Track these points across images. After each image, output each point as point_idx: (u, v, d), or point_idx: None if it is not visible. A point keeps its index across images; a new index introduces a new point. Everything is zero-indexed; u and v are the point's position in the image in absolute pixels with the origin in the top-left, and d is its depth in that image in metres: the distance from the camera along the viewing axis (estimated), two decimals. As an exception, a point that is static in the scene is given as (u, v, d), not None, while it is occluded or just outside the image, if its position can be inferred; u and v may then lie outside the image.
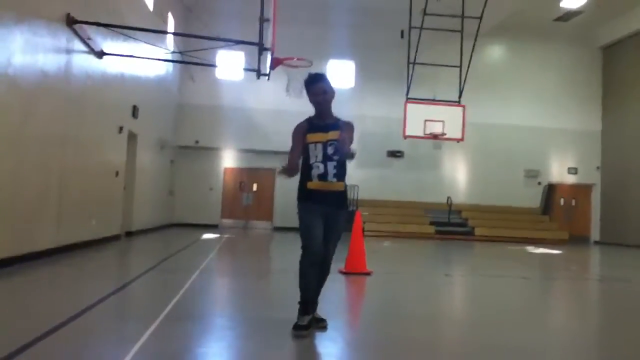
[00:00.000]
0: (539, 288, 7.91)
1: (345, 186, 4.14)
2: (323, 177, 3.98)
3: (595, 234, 21.13)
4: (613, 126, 20.82)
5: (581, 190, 21.45)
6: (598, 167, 21.29)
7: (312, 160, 4.00)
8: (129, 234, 12.72)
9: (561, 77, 21.32)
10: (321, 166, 3.97)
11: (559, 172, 21.41)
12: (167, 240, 13.36)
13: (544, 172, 21.30)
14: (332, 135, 3.94)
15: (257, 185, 20.49)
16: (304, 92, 4.34)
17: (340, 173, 4.03)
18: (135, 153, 12.89)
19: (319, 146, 3.99)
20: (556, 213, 21.13)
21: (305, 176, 4.06)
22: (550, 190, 21.30)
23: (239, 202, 20.45)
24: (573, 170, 21.36)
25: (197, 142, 19.70)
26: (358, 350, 3.73)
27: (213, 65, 16.71)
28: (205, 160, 20.04)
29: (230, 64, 19.24)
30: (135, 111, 12.50)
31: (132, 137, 12.50)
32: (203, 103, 19.65)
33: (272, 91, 18.68)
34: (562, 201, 21.45)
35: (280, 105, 19.04)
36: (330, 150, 3.97)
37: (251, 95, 19.56)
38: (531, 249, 15.56)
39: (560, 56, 21.34)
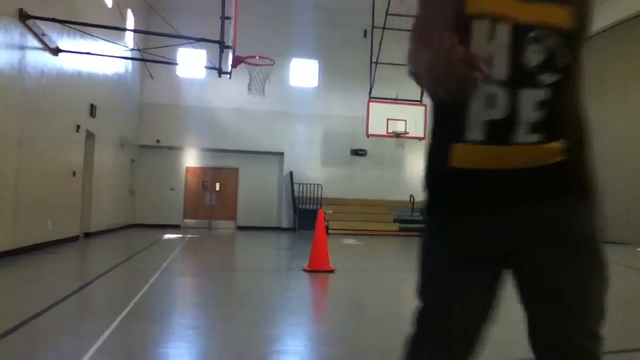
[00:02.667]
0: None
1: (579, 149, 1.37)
2: (504, 130, 1.25)
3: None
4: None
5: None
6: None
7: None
8: (88, 234, 12.42)
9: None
10: (500, 95, 1.24)
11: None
12: (128, 241, 13.10)
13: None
14: (546, 12, 1.23)
15: (220, 185, 20.31)
16: (267, 90, 4.17)
17: (557, 118, 1.26)
18: (93, 152, 12.59)
19: (503, 34, 1.24)
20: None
21: (445, 127, 1.36)
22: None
23: (202, 201, 20.22)
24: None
25: (158, 141, 19.39)
26: (323, 345, 3.72)
27: (174, 63, 16.48)
28: (166, 159, 19.74)
29: (191, 62, 19.01)
30: (93, 110, 12.20)
31: (90, 136, 12.20)
32: (164, 101, 19.35)
33: (234, 90, 18.50)
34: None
35: (242, 104, 18.90)
36: (533, 56, 1.23)
37: (213, 94, 19.36)
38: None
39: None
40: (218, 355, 3.36)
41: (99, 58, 12.01)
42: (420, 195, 20.43)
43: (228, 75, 10.68)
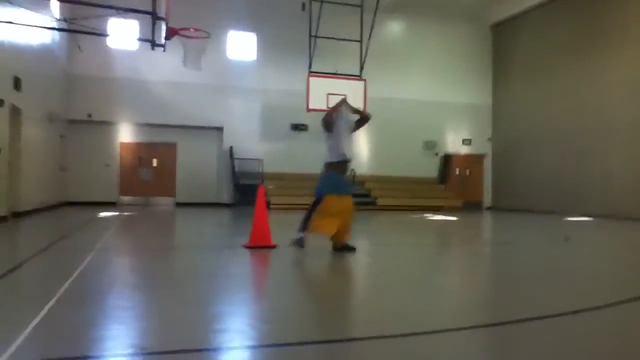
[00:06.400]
0: (435, 253, 8.29)
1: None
2: None
3: (487, 200, 22.53)
4: (502, 100, 22.11)
5: (474, 160, 22.69)
6: (489, 139, 22.58)
7: None
8: (17, 214, 11.85)
9: (456, 53, 22.23)
10: None
11: (454, 143, 22.48)
12: (61, 220, 12.60)
13: (440, 143, 22.28)
14: None
15: (157, 161, 19.80)
16: (203, 63, 4.18)
17: None
18: (20, 128, 11.94)
19: None
20: (452, 182, 22.24)
21: None
22: (447, 160, 22.34)
23: (138, 178, 19.68)
24: (467, 142, 22.52)
25: (89, 115, 18.62)
26: (264, 322, 3.70)
27: (104, 35, 15.75)
28: (99, 134, 19.04)
29: (123, 33, 18.24)
30: (17, 83, 11.53)
31: (15, 111, 11.55)
32: (95, 74, 18.54)
33: (169, 62, 17.90)
34: (457, 171, 22.60)
35: (179, 77, 18.36)
36: None
37: (148, 67, 18.70)
38: (430, 216, 16.29)
39: (455, 33, 22.22)
40: (155, 336, 3.28)
41: (22, 28, 11.31)
42: (361, 169, 20.63)
43: (162, 48, 10.29)
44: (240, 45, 20.14)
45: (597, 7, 17.58)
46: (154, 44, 9.90)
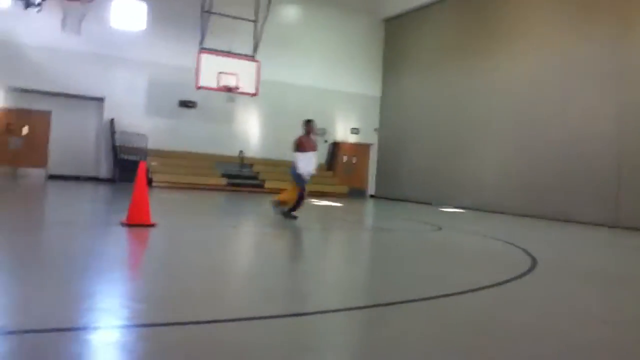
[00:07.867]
0: (321, 238, 8.42)
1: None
2: None
3: (371, 188, 23.30)
4: (391, 92, 22.89)
5: (361, 149, 23.34)
6: (376, 129, 23.32)
7: None
8: None
9: (349, 44, 22.62)
10: None
11: (343, 131, 22.95)
12: None
13: (330, 131, 22.64)
14: None
15: (29, 128, 18.31)
16: (86, 30, 3.77)
17: None
18: None
19: None
20: (339, 169, 22.73)
21: None
22: (335, 148, 22.78)
23: (6, 146, 18.07)
24: (355, 131, 23.08)
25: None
26: (136, 301, 3.52)
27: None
28: (-38, 97, 17.17)
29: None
30: None
31: None
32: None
33: (45, 25, 16.50)
34: (344, 158, 23.12)
35: (55, 41, 16.99)
36: None
37: (20, 28, 17.04)
38: (316, 201, 16.52)
39: (349, 23, 22.59)
40: (17, 314, 3.00)
41: None
42: (250, 151, 20.45)
43: (37, 8, 9.46)
44: (128, 13, 19.04)
45: (487, 13, 18.51)
46: (27, 3, 9.09)
